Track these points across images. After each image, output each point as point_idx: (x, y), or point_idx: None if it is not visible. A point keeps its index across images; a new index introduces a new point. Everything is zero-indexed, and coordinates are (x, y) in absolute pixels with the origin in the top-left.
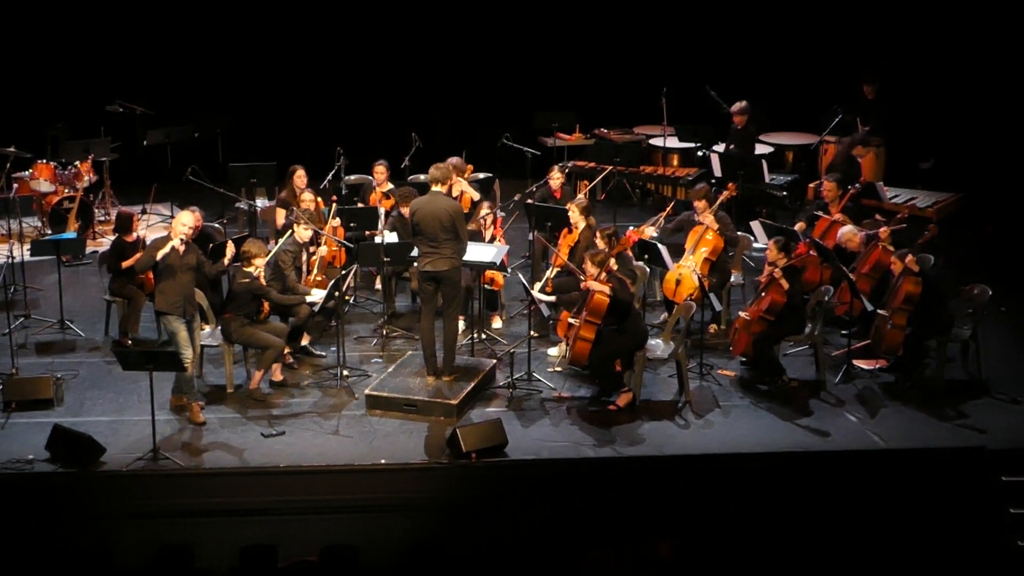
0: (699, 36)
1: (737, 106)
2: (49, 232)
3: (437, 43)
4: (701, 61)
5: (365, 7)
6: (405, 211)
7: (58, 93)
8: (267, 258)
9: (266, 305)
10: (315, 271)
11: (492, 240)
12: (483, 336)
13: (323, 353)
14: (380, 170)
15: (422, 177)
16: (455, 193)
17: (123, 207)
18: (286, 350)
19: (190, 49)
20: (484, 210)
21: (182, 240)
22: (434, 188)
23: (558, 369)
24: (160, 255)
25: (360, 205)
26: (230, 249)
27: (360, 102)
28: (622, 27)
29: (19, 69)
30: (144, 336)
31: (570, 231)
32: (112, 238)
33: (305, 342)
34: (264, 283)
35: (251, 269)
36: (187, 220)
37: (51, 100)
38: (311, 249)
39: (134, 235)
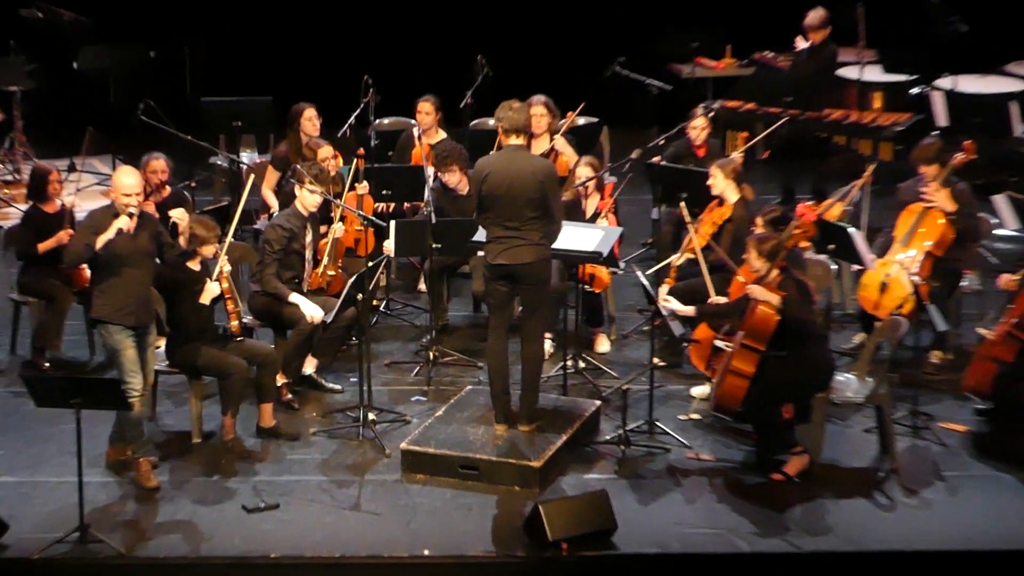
0: None
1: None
2: None
3: None
4: None
5: None
6: (452, 180)
7: None
8: (223, 247)
9: (232, 314)
10: (326, 261)
11: (595, 218)
12: (581, 364)
13: (338, 387)
14: (426, 109)
15: (491, 122)
16: (540, 148)
17: (40, 161)
18: (280, 380)
19: None
20: (581, 171)
21: (133, 213)
22: (511, 141)
23: (695, 417)
24: (102, 242)
25: (395, 164)
26: (181, 222)
27: (398, 10)
28: None
29: None
30: (70, 355)
31: (720, 205)
32: (24, 207)
33: (310, 369)
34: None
35: (193, 264)
36: (131, 183)
37: None
38: (322, 229)
39: (56, 203)
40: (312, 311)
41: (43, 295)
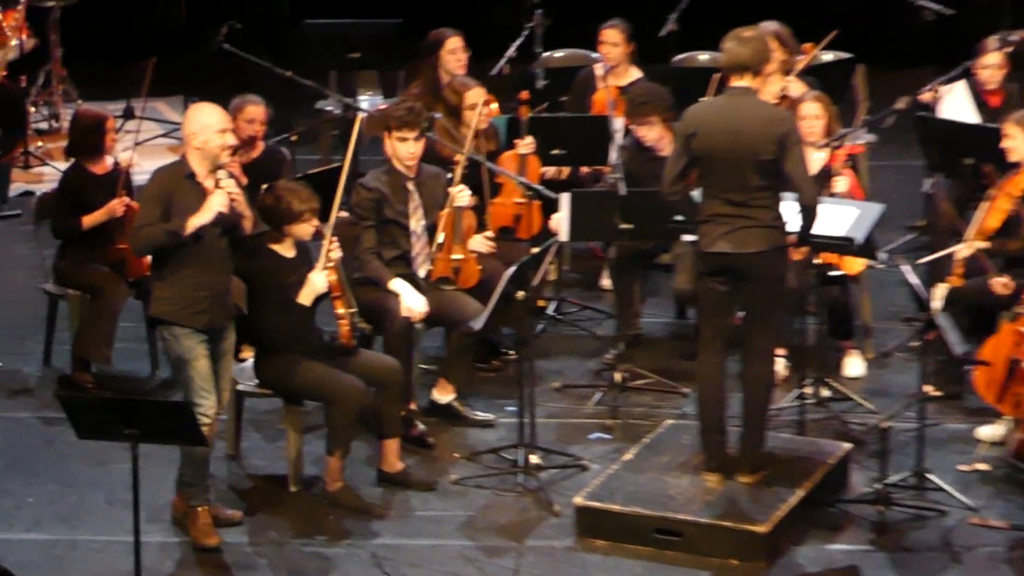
0: None
1: None
2: None
3: None
4: None
5: None
6: (649, 135)
7: None
8: (329, 225)
9: (342, 318)
10: (440, 239)
11: (825, 177)
12: (825, 393)
13: (488, 416)
14: (613, 39)
15: (702, 57)
16: (770, 94)
17: (87, 104)
18: (412, 406)
19: None
20: (811, 112)
21: (231, 175)
22: (735, 83)
23: (982, 468)
24: (195, 226)
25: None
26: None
27: None
28: None
29: None
30: (124, 368)
31: (1021, 173)
32: (63, 167)
33: (448, 397)
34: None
35: (284, 248)
36: (220, 120)
37: None
38: (470, 200)
39: (107, 161)
40: (413, 303)
41: (87, 286)
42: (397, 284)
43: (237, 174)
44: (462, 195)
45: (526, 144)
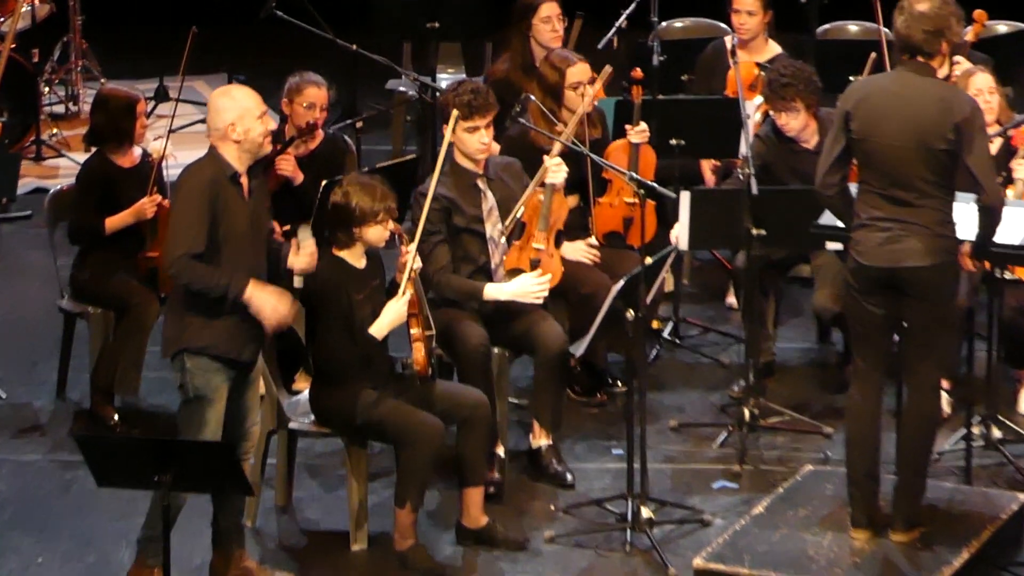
0: None
1: None
2: None
3: None
4: None
5: None
6: (791, 123)
7: None
8: (414, 238)
9: (417, 342)
10: (539, 228)
11: (1010, 181)
12: (997, 434)
13: (567, 474)
14: (749, 5)
15: (852, 28)
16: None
17: (112, 83)
18: (499, 449)
19: None
20: (980, 82)
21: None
22: (906, 63)
23: None
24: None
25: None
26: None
27: None
28: None
29: None
30: (154, 403)
31: None
32: (83, 158)
33: (540, 441)
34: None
35: (352, 256)
36: (254, 103)
37: None
38: (569, 202)
39: (135, 152)
40: (516, 291)
41: (111, 302)
42: (493, 289)
43: (292, 170)
44: (557, 170)
45: (639, 132)
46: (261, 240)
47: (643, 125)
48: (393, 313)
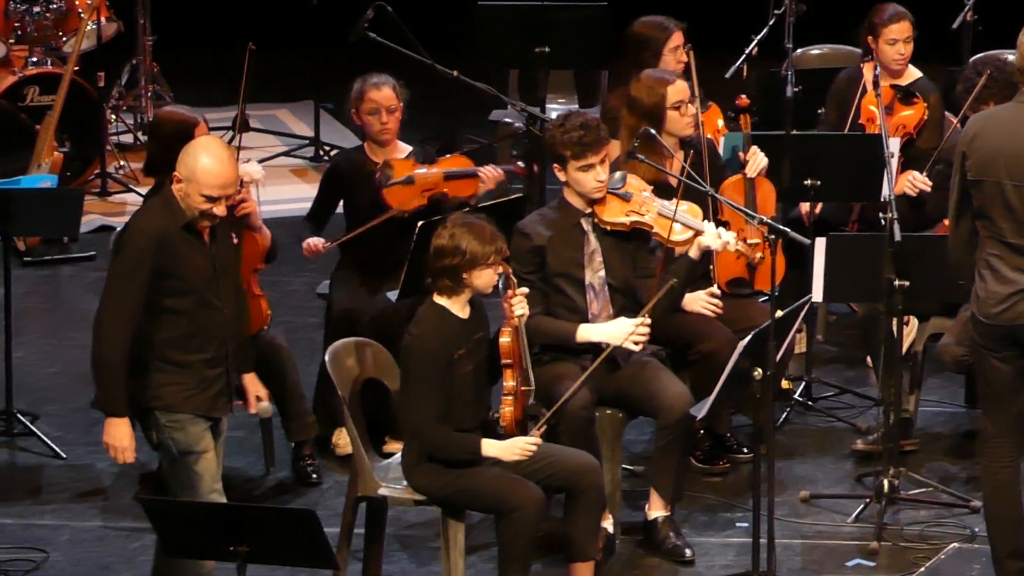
0: None
1: None
2: None
3: None
4: None
5: None
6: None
7: None
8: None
9: (511, 395)
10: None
11: None
12: None
13: (686, 550)
14: (907, 31)
15: (1009, 57)
16: None
17: (176, 106)
18: (607, 520)
19: None
20: None
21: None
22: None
23: None
24: None
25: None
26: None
27: None
28: None
29: None
30: (226, 464)
31: None
32: (146, 190)
33: (656, 512)
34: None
35: (455, 304)
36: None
37: None
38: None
39: None
40: (611, 332)
41: None
42: (586, 330)
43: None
44: (712, 233)
45: (756, 163)
46: (231, 283)
47: (755, 150)
48: (511, 449)
